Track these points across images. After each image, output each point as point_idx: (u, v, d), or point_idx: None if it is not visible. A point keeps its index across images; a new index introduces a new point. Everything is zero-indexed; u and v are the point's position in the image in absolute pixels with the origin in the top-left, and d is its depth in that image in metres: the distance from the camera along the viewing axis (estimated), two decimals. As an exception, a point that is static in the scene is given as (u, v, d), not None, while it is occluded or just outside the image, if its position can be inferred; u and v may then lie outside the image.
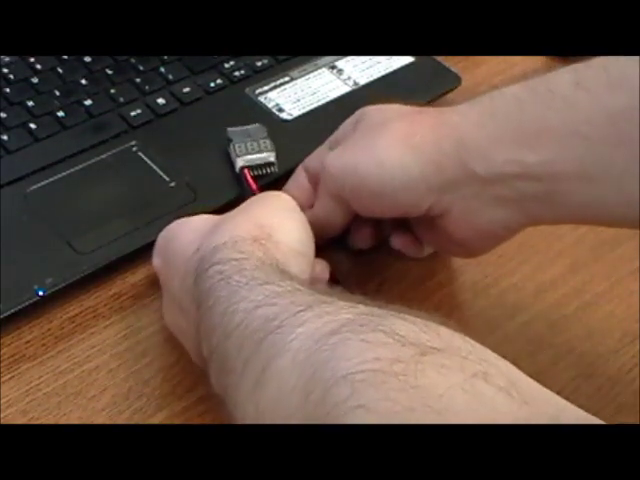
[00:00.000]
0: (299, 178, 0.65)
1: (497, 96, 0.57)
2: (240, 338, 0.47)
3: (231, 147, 0.68)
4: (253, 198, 0.62)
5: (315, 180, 0.63)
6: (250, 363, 0.46)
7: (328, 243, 0.63)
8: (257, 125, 0.70)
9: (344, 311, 0.45)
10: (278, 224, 0.56)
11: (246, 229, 0.55)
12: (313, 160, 0.65)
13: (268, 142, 0.69)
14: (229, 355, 0.48)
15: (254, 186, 0.67)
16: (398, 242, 0.64)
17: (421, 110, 0.60)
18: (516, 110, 0.56)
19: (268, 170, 0.68)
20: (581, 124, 0.53)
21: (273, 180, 0.69)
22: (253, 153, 0.68)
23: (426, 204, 0.58)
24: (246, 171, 0.67)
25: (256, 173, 0.68)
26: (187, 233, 0.58)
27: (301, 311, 0.46)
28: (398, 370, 0.40)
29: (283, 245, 0.55)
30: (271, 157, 0.68)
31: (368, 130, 0.60)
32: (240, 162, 0.68)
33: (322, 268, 0.61)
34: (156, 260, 0.60)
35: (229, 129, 0.69)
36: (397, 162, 0.57)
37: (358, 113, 0.63)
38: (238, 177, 0.68)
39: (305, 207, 0.62)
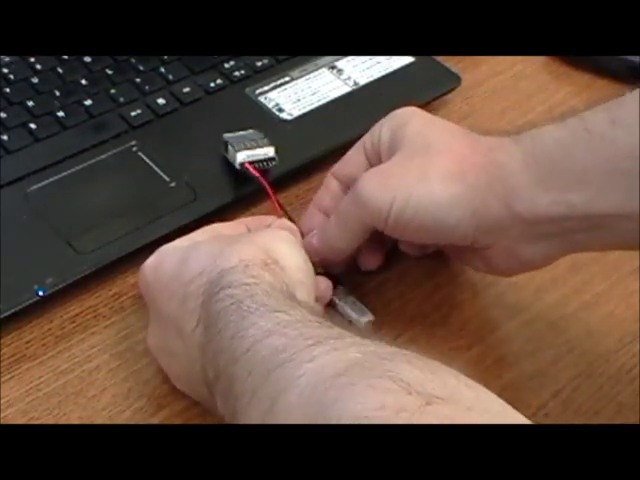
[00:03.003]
0: (331, 187, 0.64)
1: (536, 137, 0.57)
2: (249, 364, 0.48)
3: (229, 148, 0.68)
4: (256, 230, 0.61)
5: (349, 188, 0.62)
6: (258, 394, 0.46)
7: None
8: (252, 131, 0.69)
9: (353, 349, 0.45)
10: (282, 251, 0.56)
11: (253, 253, 0.55)
12: (347, 167, 0.64)
13: (266, 140, 0.68)
14: (237, 378, 0.48)
15: (257, 174, 0.66)
16: (408, 247, 0.65)
17: (468, 142, 0.59)
18: (557, 151, 0.56)
19: (269, 164, 0.67)
20: (621, 160, 0.54)
21: (274, 179, 0.69)
22: (252, 148, 0.67)
23: (471, 239, 0.58)
24: (248, 164, 0.66)
25: (257, 167, 0.67)
26: (182, 256, 0.57)
27: (311, 345, 0.46)
28: (403, 420, 0.40)
29: (290, 272, 0.55)
30: (270, 152, 0.67)
31: (413, 155, 0.59)
32: (240, 157, 0.67)
33: (326, 286, 0.61)
34: (144, 282, 0.59)
35: (225, 135, 0.68)
36: (453, 201, 0.57)
37: (396, 121, 0.61)
38: (229, 182, 0.67)
39: None
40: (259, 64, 0.77)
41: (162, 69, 0.76)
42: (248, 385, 0.47)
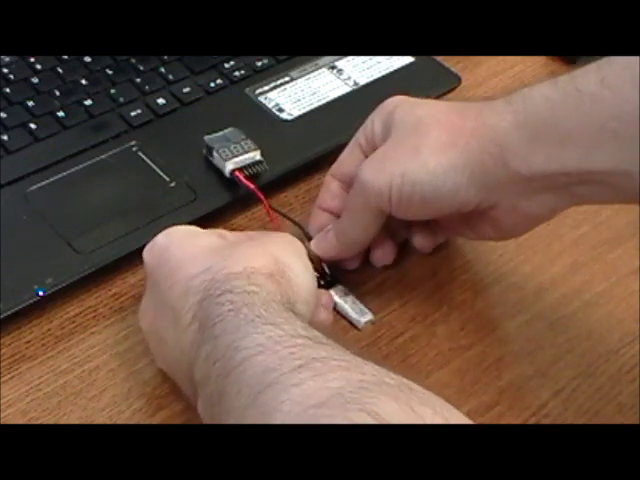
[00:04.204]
0: (331, 187, 0.65)
1: (527, 96, 0.58)
2: (238, 381, 0.48)
3: (215, 154, 0.67)
4: (268, 233, 0.61)
5: (350, 186, 0.63)
6: (246, 414, 0.47)
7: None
8: (232, 129, 0.69)
9: (337, 375, 0.46)
10: (292, 265, 0.56)
11: (262, 262, 0.55)
12: (344, 166, 0.65)
13: (250, 142, 0.68)
14: (227, 393, 0.49)
15: (252, 185, 0.66)
16: (420, 242, 0.65)
17: (457, 111, 0.60)
18: (547, 110, 0.56)
19: (258, 169, 0.67)
20: (609, 120, 0.54)
21: (274, 180, 0.69)
22: (239, 155, 0.67)
23: (475, 202, 0.59)
24: (238, 172, 0.67)
25: (246, 173, 0.67)
26: (193, 246, 0.57)
27: (298, 367, 0.46)
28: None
29: (295, 286, 0.55)
30: (257, 155, 0.67)
31: (405, 135, 0.60)
32: (230, 165, 0.67)
33: (327, 299, 0.62)
34: (149, 261, 0.59)
35: (207, 137, 0.68)
36: (448, 167, 0.58)
37: (384, 110, 0.63)
38: (229, 182, 0.67)
39: None
40: (259, 64, 0.77)
41: (162, 69, 0.76)
42: (237, 404, 0.48)
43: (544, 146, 0.56)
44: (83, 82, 0.74)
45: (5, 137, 0.69)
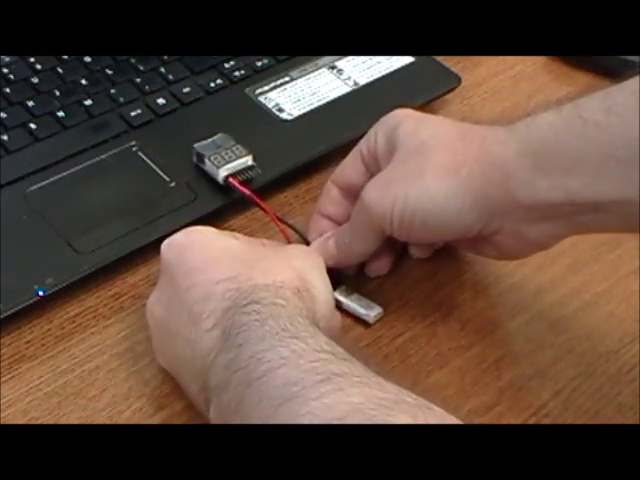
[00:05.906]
0: (332, 194, 0.65)
1: (532, 124, 0.58)
2: (260, 392, 0.48)
3: (206, 161, 0.67)
4: (290, 247, 0.62)
5: (351, 194, 0.64)
6: None
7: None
8: (221, 135, 0.69)
9: (357, 390, 0.46)
10: (315, 282, 0.57)
11: (289, 277, 0.55)
12: (346, 174, 0.65)
13: (240, 147, 0.67)
14: (248, 403, 0.49)
15: (247, 191, 0.66)
16: (418, 252, 0.66)
17: (460, 136, 0.60)
18: (552, 139, 0.56)
19: (251, 174, 0.67)
20: (615, 149, 0.54)
21: (274, 180, 0.69)
22: (231, 161, 0.67)
23: (476, 229, 0.59)
24: (231, 179, 0.66)
25: (240, 179, 0.66)
26: (213, 249, 0.57)
27: (319, 382, 0.47)
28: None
29: (317, 302, 0.56)
30: (249, 160, 0.67)
31: (408, 157, 0.60)
32: (223, 172, 0.66)
33: (338, 320, 0.62)
34: (166, 257, 0.58)
35: (196, 145, 0.68)
36: (450, 195, 0.58)
37: (388, 124, 0.62)
38: (222, 189, 0.67)
39: (343, 223, 0.64)
40: (259, 64, 0.77)
41: (162, 69, 0.76)
42: (257, 414, 0.48)
43: (548, 174, 0.56)
44: (83, 82, 0.74)
45: (5, 137, 0.69)
